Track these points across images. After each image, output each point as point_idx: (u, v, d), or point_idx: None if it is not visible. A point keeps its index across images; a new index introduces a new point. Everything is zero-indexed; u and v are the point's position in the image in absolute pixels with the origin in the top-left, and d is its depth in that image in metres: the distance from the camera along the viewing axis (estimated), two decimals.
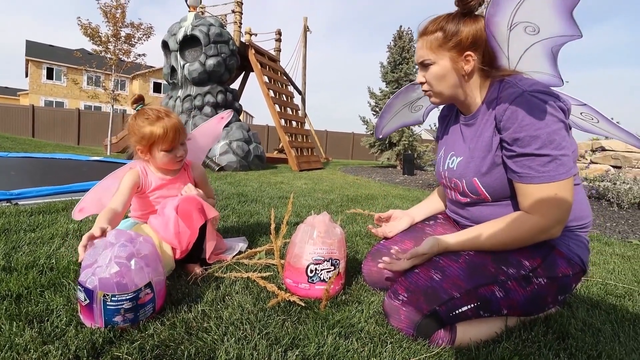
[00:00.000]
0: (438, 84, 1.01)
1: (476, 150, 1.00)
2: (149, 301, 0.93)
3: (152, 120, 1.25)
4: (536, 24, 0.85)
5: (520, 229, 0.91)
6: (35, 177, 3.52)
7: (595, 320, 1.14)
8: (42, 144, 8.85)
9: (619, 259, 1.93)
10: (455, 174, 1.06)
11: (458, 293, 0.90)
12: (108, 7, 8.04)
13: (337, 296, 1.15)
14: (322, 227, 1.16)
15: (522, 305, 0.94)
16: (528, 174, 0.87)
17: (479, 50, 0.95)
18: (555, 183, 0.85)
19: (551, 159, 0.85)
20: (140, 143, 1.27)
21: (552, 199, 0.86)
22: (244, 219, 2.15)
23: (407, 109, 1.45)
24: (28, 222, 1.70)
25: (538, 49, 0.89)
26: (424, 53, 0.99)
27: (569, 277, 0.95)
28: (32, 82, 24.71)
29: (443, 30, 0.95)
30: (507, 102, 0.89)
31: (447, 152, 1.13)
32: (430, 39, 0.98)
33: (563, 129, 0.86)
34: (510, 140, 0.89)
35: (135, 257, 0.91)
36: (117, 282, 0.86)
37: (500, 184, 0.96)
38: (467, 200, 1.06)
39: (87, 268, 0.88)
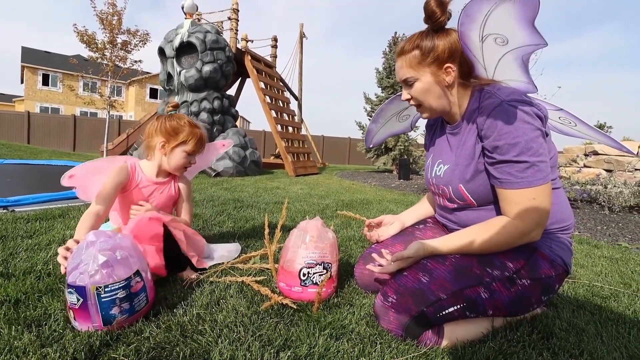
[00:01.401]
0: (425, 98, 1.05)
1: (460, 158, 1.04)
2: (141, 290, 0.97)
3: (192, 125, 1.41)
4: (504, 35, 0.89)
5: (501, 233, 0.94)
6: (32, 183, 3.53)
7: (580, 320, 1.18)
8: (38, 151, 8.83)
9: (607, 261, 1.97)
10: (442, 181, 1.10)
11: (445, 294, 0.93)
12: (104, 14, 8.08)
13: (330, 299, 1.18)
14: (315, 232, 1.19)
15: (506, 306, 0.97)
16: (508, 179, 0.92)
17: (456, 61, 1.00)
18: (533, 188, 0.90)
19: (529, 165, 0.89)
20: (172, 138, 1.37)
21: (530, 204, 0.90)
22: (240, 224, 2.18)
23: (395, 119, 1.49)
24: (25, 228, 1.71)
25: (510, 58, 0.94)
26: (406, 72, 1.04)
27: (552, 278, 0.98)
28: (28, 88, 24.65)
29: (420, 48, 1.00)
30: (487, 111, 0.94)
31: (435, 160, 1.17)
32: (408, 57, 1.02)
33: (540, 137, 0.90)
34: (490, 148, 0.94)
35: (119, 248, 0.95)
36: (107, 272, 0.90)
37: (484, 189, 1.00)
38: (455, 206, 1.10)
39: (73, 271, 0.91)
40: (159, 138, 1.37)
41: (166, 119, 1.39)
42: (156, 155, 1.40)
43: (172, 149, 1.38)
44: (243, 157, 5.84)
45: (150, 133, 1.39)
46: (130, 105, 26.98)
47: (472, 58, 0.99)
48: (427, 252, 1.03)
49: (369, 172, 9.45)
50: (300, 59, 9.99)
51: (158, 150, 1.38)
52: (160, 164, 1.40)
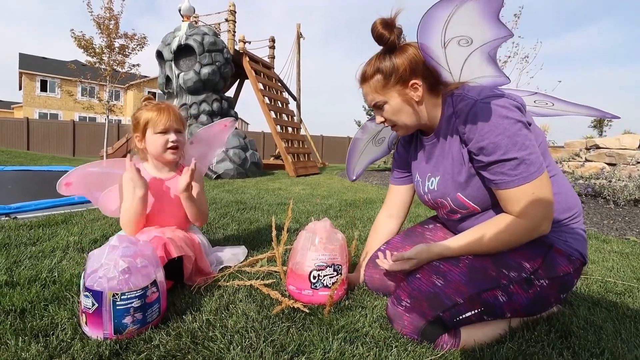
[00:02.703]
0: (398, 118, 1.03)
1: (449, 166, 1.02)
2: (156, 300, 0.95)
3: (151, 107, 1.32)
4: (468, 36, 0.88)
5: (509, 233, 0.92)
6: (33, 190, 3.50)
7: (597, 318, 1.15)
8: (38, 157, 8.81)
9: (617, 256, 1.95)
10: (438, 194, 1.07)
11: (461, 299, 0.91)
12: (101, 19, 8.06)
13: (341, 301, 1.15)
14: (324, 233, 1.17)
15: (525, 308, 0.95)
16: (502, 180, 0.89)
17: (419, 75, 0.98)
18: (530, 183, 0.87)
19: (519, 162, 0.86)
20: (137, 129, 1.32)
21: (531, 199, 0.87)
22: (244, 227, 2.15)
23: (372, 144, 1.47)
24: (28, 235, 1.69)
25: (477, 56, 0.92)
26: (373, 97, 1.03)
27: (570, 274, 0.96)
28: (26, 94, 24.62)
29: (380, 71, 0.99)
30: (464, 114, 0.92)
31: (423, 174, 1.14)
32: (372, 82, 1.01)
33: (523, 128, 0.87)
34: (475, 150, 0.91)
35: (140, 256, 0.94)
36: (126, 279, 0.89)
37: (483, 192, 0.97)
38: (458, 216, 1.07)
39: (92, 274, 0.89)
40: (132, 135, 1.35)
41: (134, 114, 1.36)
42: (145, 152, 1.36)
43: (143, 138, 1.32)
44: (243, 159, 5.81)
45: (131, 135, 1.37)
46: (128, 109, 26.95)
47: (435, 67, 0.97)
48: (433, 255, 1.01)
49: (369, 170, 9.42)
50: (298, 60, 9.96)
51: (139, 146, 1.34)
52: (155, 158, 1.35)
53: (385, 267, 1.09)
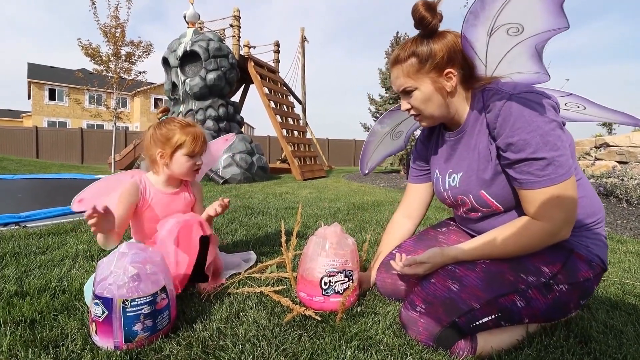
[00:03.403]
0: (426, 108, 1.00)
1: (475, 163, 0.98)
2: (166, 307, 0.94)
3: (183, 126, 1.31)
4: (520, 24, 0.83)
5: (528, 236, 0.89)
6: (42, 198, 3.54)
7: (617, 321, 1.12)
8: (47, 165, 8.92)
9: (634, 257, 1.90)
10: (460, 191, 1.04)
11: (478, 304, 0.88)
12: (108, 27, 8.17)
13: (352, 308, 1.13)
14: (334, 239, 1.15)
15: (543, 314, 0.92)
16: (528, 179, 0.86)
17: (456, 64, 0.94)
18: (556, 185, 0.83)
19: (549, 162, 0.83)
20: (166, 146, 1.29)
21: (556, 202, 0.84)
22: (253, 232, 2.14)
23: (389, 137, 1.44)
24: (38, 244, 1.70)
25: (521, 49, 0.88)
26: (403, 81, 0.99)
27: (590, 280, 0.93)
28: (35, 103, 25.02)
29: (416, 55, 0.95)
30: (496, 108, 0.88)
31: (444, 171, 1.11)
32: (405, 66, 0.97)
33: (557, 128, 0.84)
34: (503, 146, 0.88)
35: (150, 262, 0.94)
36: (135, 285, 0.88)
37: (508, 191, 0.94)
38: (479, 215, 1.03)
39: (102, 281, 0.89)
40: (155, 149, 1.31)
41: (156, 128, 1.32)
42: (161, 167, 1.33)
43: (171, 156, 1.30)
44: (250, 164, 5.82)
45: (148, 146, 1.33)
46: (135, 116, 27.25)
47: (473, 57, 0.93)
48: (448, 259, 0.98)
49: (375, 173, 9.39)
50: (302, 63, 9.99)
51: (159, 161, 1.32)
52: (168, 174, 1.34)
53: (399, 270, 1.07)
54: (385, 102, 9.36)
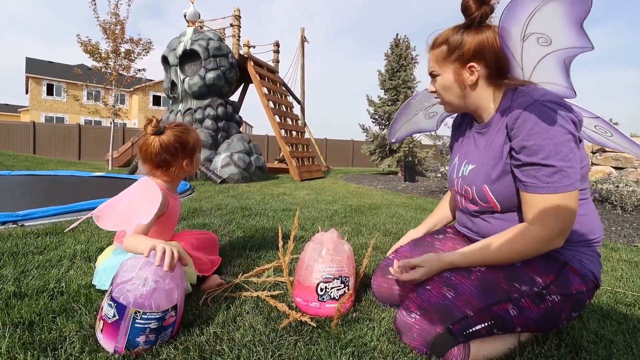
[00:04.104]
0: (445, 94, 1.04)
1: (487, 158, 1.01)
2: (171, 324, 0.94)
3: (186, 129, 1.32)
4: (548, 36, 0.86)
5: (522, 241, 0.91)
6: (39, 195, 3.53)
7: (607, 331, 1.14)
8: (44, 161, 8.89)
9: (626, 265, 1.92)
10: (467, 181, 1.07)
11: (471, 311, 0.90)
12: (107, 24, 8.14)
13: (348, 314, 1.15)
14: (331, 244, 1.17)
15: (536, 323, 0.93)
16: (533, 183, 0.88)
17: (483, 60, 0.96)
18: (558, 194, 0.86)
19: (556, 170, 0.85)
20: (187, 152, 1.31)
21: (554, 210, 0.86)
22: (250, 234, 2.15)
23: (422, 114, 1.46)
24: (35, 244, 1.70)
25: (551, 60, 0.90)
26: (432, 65, 1.04)
27: (582, 293, 0.94)
28: (33, 98, 24.89)
29: (447, 43, 0.99)
30: (519, 110, 0.90)
31: (462, 159, 1.13)
32: (436, 52, 1.02)
33: (572, 141, 0.86)
34: (517, 148, 0.90)
35: (169, 278, 0.94)
36: (153, 299, 0.88)
37: (510, 192, 0.96)
38: (476, 209, 1.06)
39: (122, 284, 0.90)
40: (180, 160, 1.29)
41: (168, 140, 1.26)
42: (179, 175, 1.34)
43: (192, 160, 1.35)
44: (248, 163, 5.83)
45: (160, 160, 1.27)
46: (133, 112, 27.16)
47: (509, 57, 0.95)
48: (444, 264, 1.00)
49: (373, 174, 9.41)
50: (302, 63, 10.00)
51: (184, 169, 1.32)
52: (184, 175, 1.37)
53: (396, 277, 1.08)
54: (384, 104, 9.38)
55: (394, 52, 9.46)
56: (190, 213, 2.69)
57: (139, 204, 1.19)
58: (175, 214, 1.38)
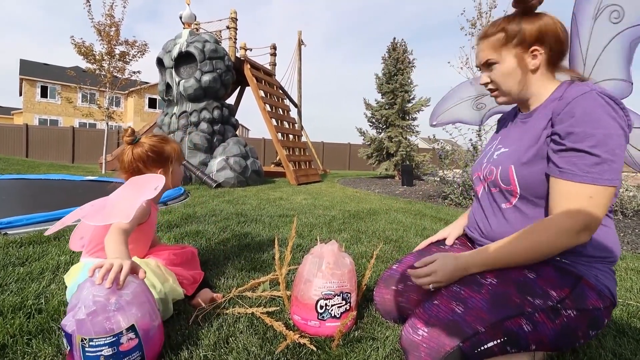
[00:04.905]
0: (505, 82, 0.98)
1: (523, 142, 0.96)
2: (135, 348, 0.82)
3: (164, 139, 1.31)
4: (622, 7, 0.83)
5: (544, 232, 0.85)
6: (27, 201, 3.42)
7: (625, 350, 1.07)
8: (36, 164, 8.75)
9: (635, 274, 1.86)
10: (495, 162, 1.02)
11: (483, 327, 0.83)
12: (102, 26, 8.03)
13: (350, 332, 1.07)
14: (331, 258, 1.09)
15: (551, 340, 0.87)
16: (571, 170, 0.83)
17: (545, 45, 0.93)
18: (595, 186, 0.80)
19: (600, 161, 0.80)
20: (166, 163, 1.29)
21: (585, 202, 0.81)
22: (245, 242, 2.07)
23: (471, 103, 1.41)
24: (17, 254, 1.61)
25: (616, 45, 0.87)
26: (487, 53, 0.98)
27: (599, 310, 0.88)
28: (26, 100, 24.64)
29: (505, 30, 0.95)
30: (570, 97, 0.86)
31: (497, 146, 1.09)
32: (492, 40, 0.97)
33: (622, 137, 0.81)
34: (563, 134, 0.85)
35: (117, 296, 0.81)
36: (94, 323, 0.77)
37: (535, 179, 0.91)
38: (495, 191, 1.01)
39: (71, 310, 0.79)
40: (154, 169, 1.27)
41: (142, 149, 1.24)
42: None
43: (173, 170, 1.31)
44: (244, 167, 5.74)
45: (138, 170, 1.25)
46: (129, 115, 26.98)
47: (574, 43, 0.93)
48: (462, 263, 0.94)
49: (370, 178, 9.35)
50: (299, 66, 9.95)
51: None
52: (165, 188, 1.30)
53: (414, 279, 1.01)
54: (381, 108, 9.34)
55: (391, 55, 9.44)
56: (183, 220, 2.60)
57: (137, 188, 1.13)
58: (154, 225, 1.31)
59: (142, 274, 0.87)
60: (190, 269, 1.28)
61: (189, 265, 1.31)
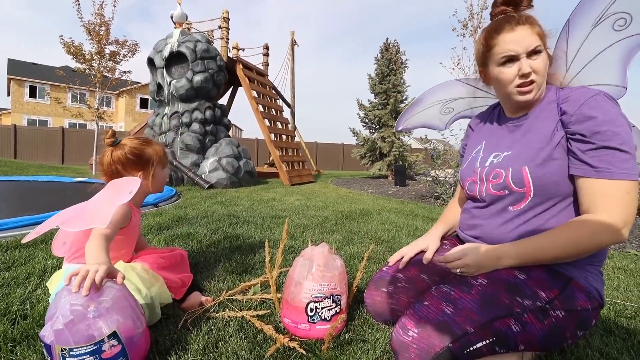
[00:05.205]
0: (544, 74, 0.95)
1: (530, 143, 0.96)
2: (118, 355, 0.80)
3: (147, 142, 1.29)
4: (630, 14, 0.84)
5: (587, 228, 0.85)
6: (15, 203, 3.36)
7: (612, 349, 1.08)
8: (24, 165, 8.61)
9: (622, 273, 1.89)
10: (500, 165, 0.99)
11: (472, 328, 0.83)
12: (92, 25, 7.93)
13: (340, 334, 1.07)
14: (322, 260, 1.09)
15: (539, 341, 0.87)
16: (607, 169, 0.84)
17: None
18: (630, 182, 0.83)
19: (630, 157, 0.84)
20: (146, 166, 1.27)
21: (625, 198, 0.83)
22: (237, 244, 2.06)
23: (439, 108, 1.41)
24: (3, 259, 1.58)
25: (613, 52, 0.89)
26: (535, 40, 0.91)
27: (588, 311, 0.89)
28: (15, 100, 24.22)
29: (538, 24, 0.94)
30: (582, 98, 0.88)
31: (489, 151, 1.07)
32: (537, 27, 0.93)
33: (632, 134, 0.86)
34: (589, 134, 0.86)
35: (95, 303, 0.79)
36: (73, 333, 0.75)
37: (552, 180, 0.91)
38: (502, 194, 0.98)
39: (49, 320, 0.77)
40: (132, 173, 1.24)
41: (122, 151, 1.23)
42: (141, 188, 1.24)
43: (154, 173, 1.28)
44: (237, 168, 5.71)
45: (117, 173, 1.24)
46: (120, 115, 26.68)
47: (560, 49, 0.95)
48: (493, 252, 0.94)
49: (364, 178, 9.38)
50: (292, 67, 9.93)
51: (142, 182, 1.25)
52: (145, 192, 1.30)
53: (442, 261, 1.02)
54: (374, 108, 9.37)
55: (384, 56, 9.47)
56: (174, 222, 2.58)
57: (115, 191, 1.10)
58: (137, 229, 1.28)
59: (119, 279, 0.84)
60: (179, 272, 1.27)
61: (178, 268, 1.29)
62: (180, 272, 1.28)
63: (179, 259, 1.32)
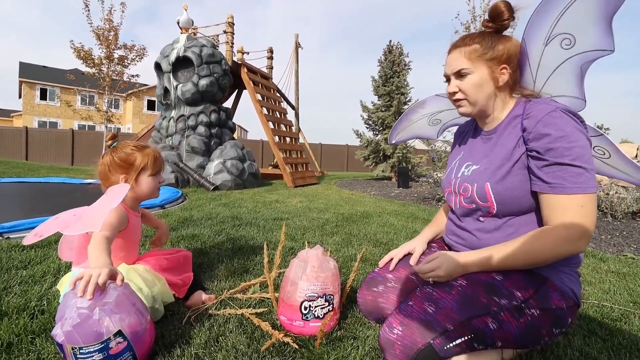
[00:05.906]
0: (475, 93, 1.03)
1: (493, 159, 1.03)
2: (125, 350, 0.88)
3: (139, 148, 1.33)
4: (573, 35, 0.90)
5: (543, 240, 0.91)
6: (28, 204, 3.49)
7: (592, 349, 1.14)
8: (36, 167, 8.80)
9: (615, 276, 1.93)
10: (468, 179, 1.08)
11: (452, 325, 0.90)
12: (101, 30, 8.12)
13: (332, 332, 1.14)
14: (316, 262, 1.16)
15: (516, 337, 0.94)
16: (561, 184, 0.89)
17: (511, 65, 1.01)
18: (584, 195, 0.88)
19: (583, 172, 0.88)
20: (130, 169, 1.30)
21: (580, 211, 0.88)
22: (239, 245, 2.14)
23: (426, 120, 1.48)
24: (20, 258, 1.68)
25: (568, 67, 0.94)
26: (462, 62, 1.03)
27: (562, 309, 0.95)
28: (26, 103, 24.69)
29: (480, 44, 1.01)
30: (539, 116, 0.93)
31: (463, 162, 1.15)
32: (467, 49, 1.02)
33: (589, 148, 0.90)
34: (543, 150, 0.92)
35: (100, 304, 0.86)
36: (81, 334, 0.82)
37: (511, 195, 0.97)
38: (471, 207, 1.06)
39: (59, 321, 0.85)
40: (117, 176, 1.29)
41: (112, 154, 1.29)
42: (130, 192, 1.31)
43: (137, 179, 1.30)
44: (241, 170, 5.81)
45: (105, 175, 1.29)
46: (127, 117, 27.04)
47: (525, 66, 1.00)
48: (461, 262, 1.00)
49: (367, 179, 9.43)
50: (296, 69, 10.02)
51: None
52: (134, 197, 1.33)
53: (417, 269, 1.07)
54: (378, 110, 9.42)
55: (387, 58, 9.52)
56: (180, 223, 2.67)
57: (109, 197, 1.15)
58: (137, 231, 1.34)
59: (119, 281, 0.91)
60: (182, 272, 1.34)
61: (181, 268, 1.36)
62: (184, 272, 1.36)
63: (182, 260, 1.39)
